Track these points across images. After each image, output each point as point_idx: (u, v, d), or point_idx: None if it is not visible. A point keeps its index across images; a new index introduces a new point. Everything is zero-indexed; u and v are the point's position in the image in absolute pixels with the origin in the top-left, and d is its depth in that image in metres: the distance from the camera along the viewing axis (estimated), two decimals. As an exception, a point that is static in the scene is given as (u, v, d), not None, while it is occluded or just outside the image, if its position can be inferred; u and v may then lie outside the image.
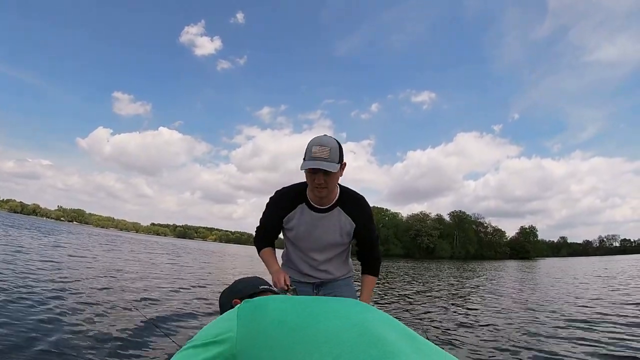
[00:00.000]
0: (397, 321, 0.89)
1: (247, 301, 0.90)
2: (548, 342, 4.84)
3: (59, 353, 3.34)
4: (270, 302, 0.87)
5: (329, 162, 1.65)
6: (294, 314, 0.81)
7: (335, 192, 1.90)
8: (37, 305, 4.86)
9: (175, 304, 6.40)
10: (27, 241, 16.07)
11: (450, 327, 5.83)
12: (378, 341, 0.73)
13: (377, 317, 0.86)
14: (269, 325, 0.78)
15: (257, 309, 0.85)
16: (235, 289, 1.27)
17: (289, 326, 0.77)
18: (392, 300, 8.96)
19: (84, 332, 4.02)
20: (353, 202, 1.94)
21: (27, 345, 3.40)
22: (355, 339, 0.73)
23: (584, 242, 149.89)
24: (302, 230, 1.94)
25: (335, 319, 0.79)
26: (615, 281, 14.88)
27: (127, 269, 11.10)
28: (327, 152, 1.65)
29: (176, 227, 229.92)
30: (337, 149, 1.71)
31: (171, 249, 31.19)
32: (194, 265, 16.61)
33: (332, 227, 1.92)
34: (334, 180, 1.76)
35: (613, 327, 5.66)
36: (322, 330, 0.75)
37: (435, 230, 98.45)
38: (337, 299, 0.96)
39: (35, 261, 9.51)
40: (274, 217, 1.99)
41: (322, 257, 2.02)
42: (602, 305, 8.01)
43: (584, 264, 40.22)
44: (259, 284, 1.27)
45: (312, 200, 1.89)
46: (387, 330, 0.79)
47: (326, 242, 1.96)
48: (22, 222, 44.10)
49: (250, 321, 0.81)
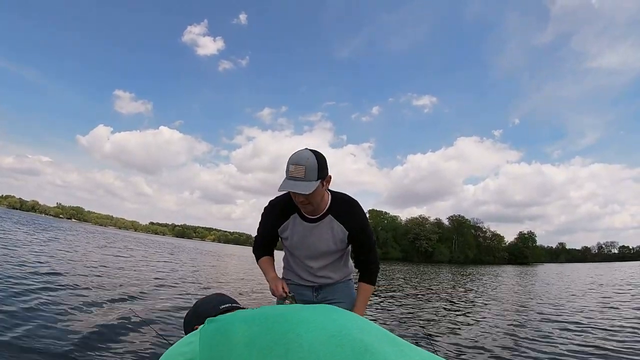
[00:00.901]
0: (377, 326, 0.84)
1: (210, 320, 0.82)
2: (542, 348, 4.84)
3: (42, 348, 3.32)
4: (235, 321, 0.79)
5: (305, 181, 1.61)
6: (263, 332, 0.73)
7: (326, 201, 1.87)
8: (22, 299, 4.86)
9: (166, 301, 6.43)
10: (23, 237, 16.05)
11: (446, 332, 5.83)
12: (359, 350, 0.68)
13: (355, 324, 0.80)
14: (236, 347, 0.71)
15: (220, 329, 0.77)
16: (196, 312, 1.16)
17: (259, 347, 0.70)
18: (388, 303, 8.95)
19: (69, 327, 4.02)
20: (345, 208, 1.91)
21: (9, 340, 3.38)
22: (334, 351, 0.68)
23: (582, 248, 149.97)
24: (295, 239, 1.95)
25: (309, 332, 0.73)
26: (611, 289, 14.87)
27: (120, 266, 11.10)
28: (302, 172, 1.61)
29: (175, 226, 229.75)
30: (315, 165, 1.63)
31: (168, 249, 31.19)
32: (188, 264, 16.60)
33: (324, 236, 1.91)
34: (316, 196, 1.73)
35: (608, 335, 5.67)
36: (296, 347, 0.69)
37: (434, 234, 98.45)
38: (311, 307, 0.89)
39: (29, 255, 9.51)
40: (269, 227, 2.01)
41: (318, 265, 2.02)
42: (594, 312, 8.01)
43: (580, 270, 40.20)
44: (220, 303, 1.16)
45: (303, 210, 1.87)
46: (367, 337, 0.74)
47: (320, 251, 1.96)
48: (21, 219, 44.04)
49: (214, 344, 0.74)
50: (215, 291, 7.31)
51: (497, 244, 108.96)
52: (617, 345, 4.98)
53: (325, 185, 1.77)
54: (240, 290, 9.27)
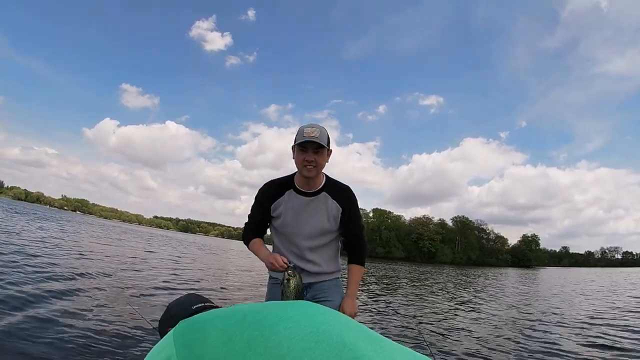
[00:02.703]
0: (358, 323, 0.82)
1: (183, 322, 0.79)
2: (542, 351, 4.82)
3: (39, 346, 3.32)
4: (210, 320, 0.77)
5: (320, 140, 1.82)
6: (240, 330, 0.71)
7: (321, 179, 2.00)
8: (20, 294, 4.89)
9: (164, 295, 6.47)
10: (27, 227, 16.17)
11: (443, 333, 5.81)
12: (338, 347, 0.67)
13: (334, 321, 0.78)
14: (213, 346, 0.69)
15: (194, 330, 0.74)
16: (168, 314, 1.12)
17: (238, 345, 0.68)
18: (386, 304, 8.94)
19: (67, 325, 4.01)
20: (339, 189, 2.03)
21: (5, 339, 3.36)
22: (312, 347, 0.66)
23: (585, 252, 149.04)
24: (289, 215, 1.99)
25: (288, 329, 0.71)
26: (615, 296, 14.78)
27: (120, 259, 11.16)
28: (317, 132, 1.82)
29: (179, 220, 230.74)
30: (326, 133, 1.87)
31: (172, 243, 31.30)
32: (190, 258, 16.67)
33: (319, 211, 1.97)
34: (322, 160, 1.88)
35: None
36: (275, 344, 0.67)
37: (437, 234, 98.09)
38: (289, 304, 0.87)
39: (31, 247, 9.57)
40: (263, 206, 2.05)
41: (309, 244, 2.01)
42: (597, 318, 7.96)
43: (584, 275, 39.97)
44: (192, 303, 1.12)
45: (299, 185, 1.98)
46: (346, 333, 0.72)
47: (313, 226, 1.98)
48: (26, 210, 44.38)
49: (190, 345, 0.71)
50: (218, 288, 7.25)
51: (501, 246, 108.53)
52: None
53: (327, 158, 1.93)
54: (240, 286, 9.29)
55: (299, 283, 1.74)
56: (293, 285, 1.72)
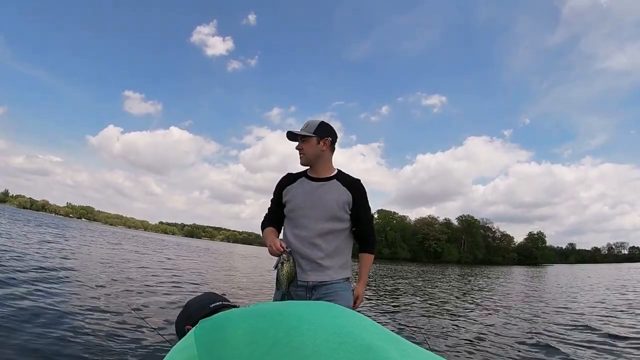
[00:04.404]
0: (378, 324, 0.81)
1: (204, 321, 0.78)
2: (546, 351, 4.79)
3: (41, 347, 3.35)
4: (232, 320, 0.76)
5: (305, 131, 2.03)
6: (264, 330, 0.70)
7: (333, 169, 2.13)
8: (25, 295, 4.92)
9: (166, 299, 6.48)
10: (31, 234, 16.27)
11: (451, 334, 5.79)
12: (362, 349, 0.66)
13: (357, 323, 0.77)
14: (236, 347, 0.68)
15: (216, 329, 0.74)
16: (187, 313, 1.11)
17: (262, 347, 0.66)
18: (393, 304, 8.92)
19: (70, 327, 4.05)
20: (350, 179, 2.13)
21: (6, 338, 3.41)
22: (337, 349, 0.65)
23: (592, 249, 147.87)
24: (299, 197, 2.07)
25: (311, 330, 0.70)
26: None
27: (126, 265, 11.19)
28: (305, 126, 2.05)
29: (184, 226, 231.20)
30: (316, 123, 2.05)
31: (176, 248, 31.36)
32: (194, 262, 16.69)
33: (329, 195, 2.04)
34: (309, 147, 2.04)
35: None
36: (299, 345, 0.66)
37: (442, 234, 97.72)
38: (310, 304, 0.86)
39: (38, 254, 9.63)
40: (276, 195, 2.19)
41: (317, 227, 1.99)
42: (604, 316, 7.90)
43: (591, 271, 39.73)
44: (210, 301, 1.11)
45: (311, 174, 2.12)
46: (369, 335, 0.71)
47: (322, 207, 2.01)
48: (31, 218, 44.64)
49: (212, 345, 0.70)
50: (228, 288, 7.24)
51: (507, 245, 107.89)
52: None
53: (324, 147, 2.05)
54: (241, 286, 9.30)
55: (292, 268, 1.80)
56: (286, 269, 1.78)
